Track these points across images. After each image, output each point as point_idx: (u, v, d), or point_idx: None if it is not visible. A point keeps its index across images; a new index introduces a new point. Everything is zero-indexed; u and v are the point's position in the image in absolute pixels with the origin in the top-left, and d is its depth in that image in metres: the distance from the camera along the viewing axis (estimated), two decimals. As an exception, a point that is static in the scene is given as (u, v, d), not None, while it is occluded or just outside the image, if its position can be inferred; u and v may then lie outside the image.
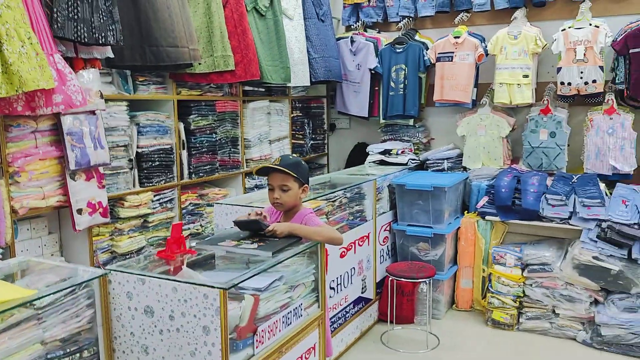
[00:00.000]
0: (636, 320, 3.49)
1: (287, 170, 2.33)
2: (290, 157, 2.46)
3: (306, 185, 2.43)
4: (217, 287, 1.70)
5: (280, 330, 2.06)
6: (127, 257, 3.25)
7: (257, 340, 1.92)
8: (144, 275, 1.84)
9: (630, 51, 3.87)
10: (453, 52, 4.46)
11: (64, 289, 1.75)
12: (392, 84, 4.76)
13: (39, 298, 1.66)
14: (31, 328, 1.68)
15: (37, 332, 1.69)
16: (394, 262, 4.29)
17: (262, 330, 1.95)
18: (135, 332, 1.88)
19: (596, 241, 3.64)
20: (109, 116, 3.07)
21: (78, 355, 1.81)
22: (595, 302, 3.71)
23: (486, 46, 4.41)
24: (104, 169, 2.98)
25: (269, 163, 2.41)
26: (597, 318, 3.61)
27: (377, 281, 4.06)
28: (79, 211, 2.82)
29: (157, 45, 2.99)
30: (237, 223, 2.30)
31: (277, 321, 2.03)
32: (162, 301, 1.81)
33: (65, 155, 2.72)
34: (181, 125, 3.59)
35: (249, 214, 2.38)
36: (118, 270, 1.89)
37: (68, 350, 1.78)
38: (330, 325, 3.31)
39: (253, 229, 2.28)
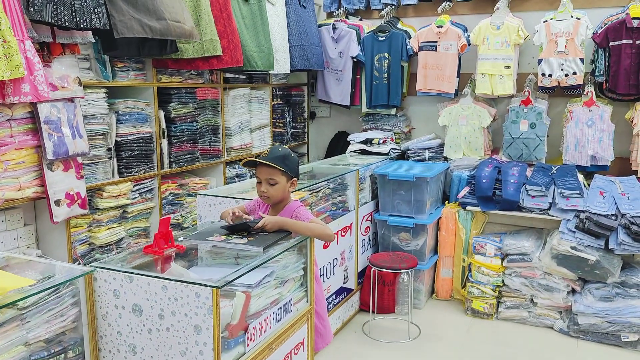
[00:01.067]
0: (612, 309, 3.57)
1: (273, 164, 2.27)
2: (279, 149, 2.37)
3: (295, 178, 2.38)
4: (210, 286, 1.65)
5: (270, 327, 2.03)
6: (106, 248, 3.17)
7: (248, 338, 1.89)
8: (132, 273, 1.78)
9: (610, 44, 3.92)
10: (436, 42, 4.44)
11: (47, 289, 1.68)
12: (375, 72, 4.73)
13: (22, 299, 1.59)
14: (14, 329, 1.61)
15: (20, 333, 1.62)
16: (375, 252, 4.30)
17: (253, 328, 1.91)
18: (122, 331, 1.82)
19: (574, 232, 3.70)
20: (87, 104, 2.96)
21: (63, 355, 1.75)
22: (573, 292, 3.79)
23: (469, 36, 4.40)
24: (82, 158, 2.88)
25: (256, 156, 2.36)
26: (574, 307, 3.68)
27: (358, 271, 4.05)
28: (57, 202, 2.72)
29: (164, 19, 2.87)
30: (227, 228, 2.24)
31: (267, 318, 2.00)
32: (151, 299, 1.75)
33: (42, 144, 2.62)
34: (161, 113, 3.49)
35: (233, 213, 2.34)
36: (104, 268, 1.82)
37: (52, 351, 1.71)
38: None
39: (243, 230, 2.21)
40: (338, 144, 5.20)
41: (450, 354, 3.49)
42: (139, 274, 1.77)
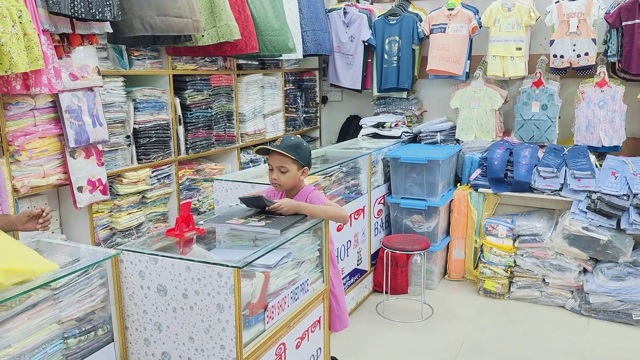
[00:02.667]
0: (623, 288, 3.61)
1: (285, 153, 2.32)
2: (292, 137, 2.41)
3: (306, 167, 2.42)
4: (231, 266, 1.73)
5: (288, 306, 2.11)
6: (127, 233, 3.26)
7: (267, 316, 1.97)
8: (157, 255, 1.86)
9: (623, 23, 3.91)
10: (446, 24, 4.45)
11: (78, 270, 1.77)
12: (385, 56, 4.75)
13: (54, 280, 1.68)
14: (48, 308, 1.70)
15: (53, 312, 1.72)
16: (388, 234, 4.36)
17: (272, 306, 2.00)
18: (148, 310, 1.91)
19: (586, 212, 3.74)
20: (105, 92, 3.04)
21: (93, 333, 1.84)
22: (584, 271, 3.83)
23: (480, 18, 4.40)
24: (102, 146, 2.97)
25: (269, 143, 2.40)
26: (585, 286, 3.73)
27: (371, 253, 4.13)
28: (80, 189, 2.81)
29: (165, 15, 2.92)
30: (243, 199, 2.33)
31: (285, 297, 2.08)
32: (175, 280, 1.84)
33: (64, 133, 2.70)
34: (177, 101, 3.56)
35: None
36: (130, 250, 1.91)
37: (83, 329, 1.81)
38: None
39: (258, 206, 2.31)
40: (350, 128, 5.24)
41: (463, 333, 3.56)
42: (163, 256, 1.85)
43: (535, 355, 3.28)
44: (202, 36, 3.28)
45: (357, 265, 3.93)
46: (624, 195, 3.65)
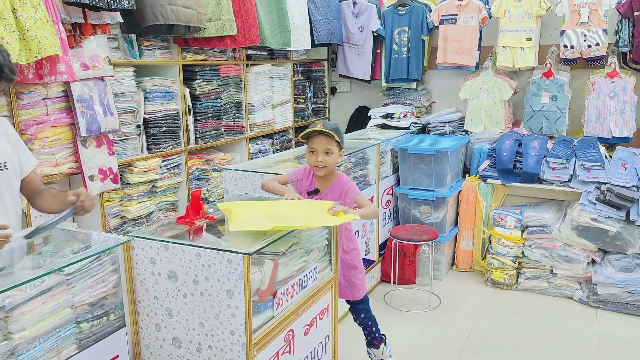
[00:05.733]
0: (631, 279, 3.61)
1: (333, 134, 2.44)
2: (330, 122, 2.56)
3: (343, 149, 2.56)
4: (241, 253, 1.75)
5: (297, 293, 2.13)
6: (137, 221, 3.30)
7: (276, 303, 2.00)
8: (167, 242, 1.89)
9: (635, 14, 3.87)
10: (457, 15, 4.43)
11: (91, 256, 1.80)
12: (395, 46, 4.74)
13: (67, 265, 1.72)
14: (61, 293, 1.73)
15: (67, 297, 1.75)
16: (396, 224, 4.38)
17: (281, 293, 2.02)
18: (159, 296, 1.94)
19: (595, 203, 3.73)
20: (116, 82, 3.06)
21: (105, 318, 1.88)
22: (593, 262, 3.83)
23: (490, 8, 4.38)
24: (113, 135, 3.00)
25: (314, 129, 2.50)
26: (594, 277, 3.73)
27: (379, 243, 4.14)
28: (91, 177, 2.85)
29: (175, 4, 2.97)
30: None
31: (294, 284, 2.10)
32: (185, 266, 1.86)
33: (75, 122, 2.74)
34: (186, 91, 3.59)
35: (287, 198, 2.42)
36: (141, 237, 1.94)
37: (96, 314, 1.84)
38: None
39: None
40: (359, 119, 5.24)
41: (470, 323, 3.58)
42: (174, 243, 1.88)
43: (543, 346, 3.29)
44: (204, 28, 3.32)
45: (365, 255, 3.94)
46: (633, 186, 3.64)
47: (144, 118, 3.31)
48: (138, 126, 3.28)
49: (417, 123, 4.74)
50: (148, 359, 2.02)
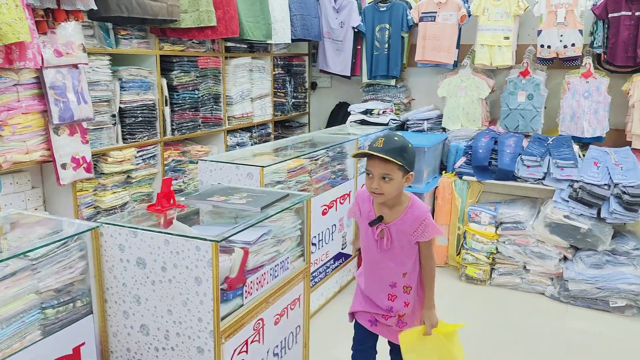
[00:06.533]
0: (601, 275, 3.67)
1: (390, 159, 1.93)
2: (396, 137, 2.00)
3: (411, 172, 2.03)
4: (209, 240, 1.75)
5: (268, 282, 2.13)
6: (111, 212, 3.27)
7: (246, 291, 2.00)
8: (136, 228, 1.88)
9: (610, 15, 3.95)
10: (436, 12, 4.47)
11: (56, 241, 1.78)
12: (376, 43, 4.76)
13: (32, 250, 1.70)
14: (26, 278, 1.72)
15: (31, 282, 1.73)
16: (373, 219, 4.39)
17: (251, 282, 2.02)
18: (127, 283, 1.93)
19: (568, 201, 3.78)
20: (91, 70, 3.03)
21: (72, 304, 1.86)
22: (564, 259, 3.89)
23: (469, 7, 4.43)
24: (87, 124, 2.97)
25: (371, 147, 1.99)
26: (565, 274, 3.79)
27: (356, 238, 4.15)
28: (63, 166, 2.82)
29: None
30: None
31: (265, 273, 2.10)
32: (154, 253, 1.85)
33: (48, 109, 2.70)
34: (164, 81, 3.56)
35: None
36: (110, 223, 1.92)
37: (62, 300, 1.82)
38: (312, 280, 3.41)
39: None
40: (339, 115, 5.26)
41: (444, 318, 3.59)
42: (142, 229, 1.87)
43: (515, 340, 3.33)
44: (184, 19, 3.30)
45: (342, 249, 3.96)
46: (605, 184, 3.70)
47: (120, 108, 3.28)
48: (113, 116, 3.25)
49: (396, 119, 4.77)
50: (115, 346, 2.00)
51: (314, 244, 3.51)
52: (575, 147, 4.03)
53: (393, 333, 2.25)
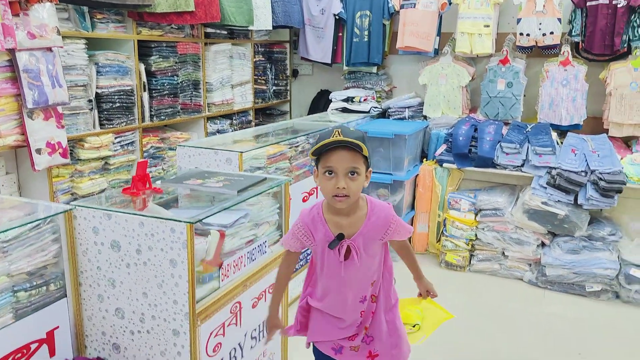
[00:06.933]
0: (578, 261, 3.73)
1: (361, 145, 1.61)
2: (351, 128, 1.70)
3: (371, 168, 1.72)
4: (184, 222, 1.74)
5: (245, 265, 2.13)
6: (88, 199, 3.23)
7: (222, 274, 1.99)
8: (110, 211, 1.86)
9: (588, 4, 3.98)
10: (417, 0, 4.46)
11: (28, 223, 1.75)
12: (356, 30, 4.75)
13: (2, 232, 1.67)
14: (-3, 260, 1.69)
15: (2, 265, 1.70)
16: (354, 207, 4.40)
17: (228, 265, 2.01)
18: (102, 266, 1.91)
19: (545, 187, 3.83)
20: (66, 54, 2.98)
21: (45, 288, 1.84)
22: (542, 245, 3.94)
23: (450, -5, 4.43)
24: (62, 108, 2.92)
25: (329, 141, 1.61)
26: (542, 259, 3.84)
27: (337, 225, 4.16)
28: (38, 151, 2.77)
29: None
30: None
31: (242, 256, 2.10)
32: (128, 236, 1.84)
33: (21, 92, 2.65)
34: (142, 66, 3.52)
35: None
36: (83, 206, 1.90)
37: (35, 283, 1.80)
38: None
39: None
40: (320, 103, 5.25)
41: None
42: (116, 212, 1.85)
43: (493, 325, 3.37)
44: (160, 2, 3.25)
45: (322, 236, 3.95)
46: (582, 171, 3.75)
47: (97, 93, 3.23)
48: (90, 101, 3.21)
49: (377, 107, 4.77)
50: (90, 330, 1.98)
51: (294, 231, 3.50)
52: (554, 135, 4.08)
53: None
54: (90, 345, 2.01)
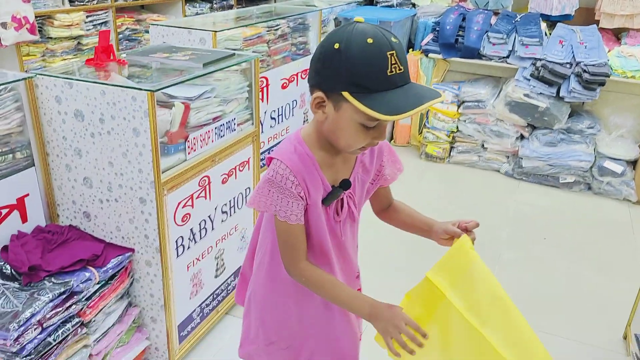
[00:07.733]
0: (554, 153, 3.78)
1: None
2: (394, 39, 1.07)
3: None
4: (145, 89, 1.72)
5: (213, 141, 2.14)
6: (63, 79, 3.18)
7: (189, 147, 2.00)
8: (72, 79, 1.83)
9: None
10: None
11: (-14, 89, 1.73)
12: None
13: (-39, 95, 1.65)
14: (-43, 125, 1.69)
15: (-37, 130, 1.71)
16: (337, 97, 4.36)
17: (194, 138, 2.02)
18: (67, 136, 1.92)
19: (529, 79, 3.79)
20: None
21: (11, 155, 1.85)
22: (521, 137, 3.97)
23: None
24: (26, -20, 2.79)
25: (391, 69, 1.03)
26: (520, 151, 3.88)
27: (319, 115, 4.15)
28: (4, 25, 2.68)
29: None
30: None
31: (209, 131, 2.10)
32: (91, 105, 1.82)
33: (-20, -40, 2.52)
34: (112, -61, 3.32)
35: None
36: (44, 74, 1.87)
37: (0, 151, 1.81)
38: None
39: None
40: (307, -11, 5.02)
41: (404, 194, 3.70)
42: (78, 80, 1.82)
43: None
44: None
45: (304, 124, 3.96)
46: (567, 63, 3.69)
47: (64, -34, 3.07)
48: (57, -25, 3.06)
49: (364, -6, 4.58)
50: (61, 199, 2.03)
51: (273, 118, 3.50)
52: (543, 25, 3.96)
53: None
54: (63, 214, 2.06)
